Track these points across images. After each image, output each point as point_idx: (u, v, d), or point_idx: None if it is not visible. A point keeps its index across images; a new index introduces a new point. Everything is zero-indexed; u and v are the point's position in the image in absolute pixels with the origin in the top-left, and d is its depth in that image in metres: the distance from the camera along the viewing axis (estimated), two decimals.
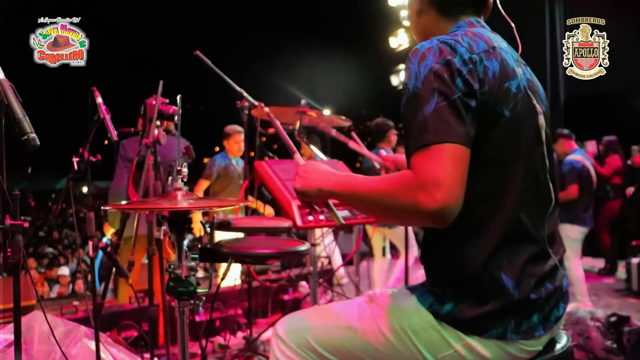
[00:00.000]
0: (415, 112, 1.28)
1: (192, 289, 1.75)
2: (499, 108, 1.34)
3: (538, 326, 1.39)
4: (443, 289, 1.42)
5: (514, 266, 1.36)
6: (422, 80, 1.30)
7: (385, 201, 1.29)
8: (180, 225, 1.78)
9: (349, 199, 1.44)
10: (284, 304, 4.51)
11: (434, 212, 1.20)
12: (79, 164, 2.81)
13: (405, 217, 1.34)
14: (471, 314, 1.36)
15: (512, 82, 1.38)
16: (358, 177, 1.41)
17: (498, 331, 1.35)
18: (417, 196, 1.21)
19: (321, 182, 1.47)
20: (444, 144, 1.23)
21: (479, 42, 1.38)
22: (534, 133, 1.45)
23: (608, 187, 6.87)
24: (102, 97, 2.74)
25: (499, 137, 1.34)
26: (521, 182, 1.39)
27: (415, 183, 1.22)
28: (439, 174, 1.21)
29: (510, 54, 1.47)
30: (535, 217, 1.42)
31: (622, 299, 5.78)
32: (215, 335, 3.92)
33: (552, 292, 1.43)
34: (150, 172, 2.90)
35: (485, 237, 1.36)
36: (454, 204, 1.21)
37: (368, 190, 1.34)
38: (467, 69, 1.30)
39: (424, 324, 1.42)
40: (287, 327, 1.65)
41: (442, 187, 1.20)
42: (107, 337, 3.11)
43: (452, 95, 1.27)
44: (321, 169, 1.52)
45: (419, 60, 1.33)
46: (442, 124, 1.24)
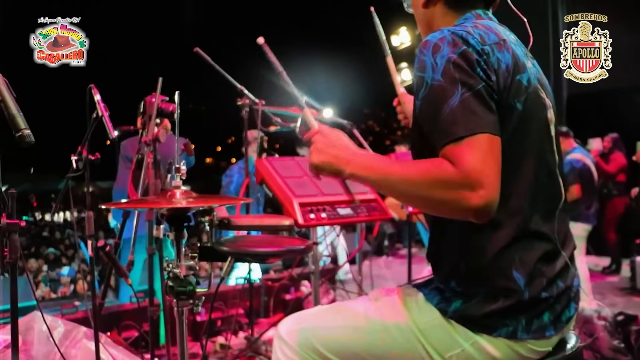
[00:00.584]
0: (439, 105, 1.24)
1: (190, 288, 1.72)
2: (511, 101, 1.30)
3: (549, 326, 1.36)
4: (452, 286, 1.38)
5: (525, 263, 1.33)
6: (442, 71, 1.26)
7: (425, 193, 1.23)
8: (179, 223, 1.75)
9: (378, 184, 1.33)
10: (286, 303, 4.48)
11: (479, 209, 1.17)
12: (78, 163, 2.78)
13: (445, 210, 1.27)
14: (481, 311, 1.32)
15: (523, 75, 1.35)
16: (388, 162, 1.33)
17: (508, 330, 1.32)
18: (461, 192, 1.17)
19: (344, 162, 1.35)
20: (478, 135, 1.19)
21: (489, 34, 1.35)
22: (544, 127, 1.42)
23: (612, 185, 6.84)
24: (104, 96, 2.71)
25: (512, 130, 1.31)
26: (532, 177, 1.36)
27: (459, 179, 1.18)
28: (482, 169, 1.17)
29: (519, 47, 1.44)
30: (546, 213, 1.39)
31: (627, 297, 5.75)
32: (216, 335, 3.89)
33: (564, 291, 1.39)
34: (150, 170, 2.87)
35: (496, 233, 1.33)
36: (496, 198, 1.19)
37: (405, 180, 1.26)
38: (482, 60, 1.27)
39: (431, 322, 1.39)
40: (289, 327, 1.62)
41: (486, 183, 1.17)
42: (107, 338, 3.08)
43: (476, 85, 1.24)
44: (341, 143, 1.40)
45: (433, 52, 1.29)
46: (471, 115, 1.21)
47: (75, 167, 2.79)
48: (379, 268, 6.87)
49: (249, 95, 3.32)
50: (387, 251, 9.61)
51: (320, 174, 1.42)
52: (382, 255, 9.30)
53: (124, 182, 3.88)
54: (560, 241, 1.42)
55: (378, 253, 9.21)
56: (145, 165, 2.85)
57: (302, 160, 2.68)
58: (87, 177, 2.82)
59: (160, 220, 1.98)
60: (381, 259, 8.88)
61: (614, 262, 7.04)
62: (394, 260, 8.99)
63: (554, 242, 1.40)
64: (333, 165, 1.37)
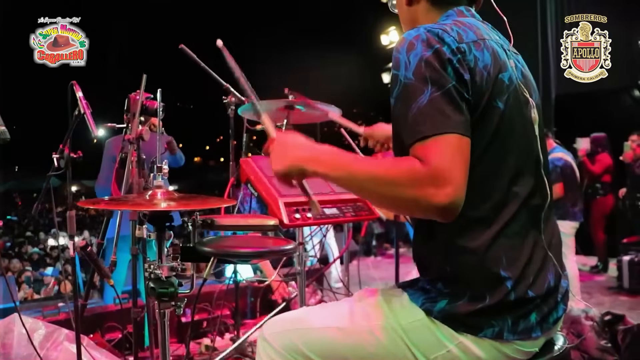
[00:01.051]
0: (409, 103, 1.24)
1: (172, 290, 1.68)
2: (492, 100, 1.29)
3: (536, 327, 1.34)
4: (438, 287, 1.36)
5: (512, 263, 1.31)
6: (413, 70, 1.25)
7: (391, 190, 1.22)
8: (161, 224, 1.71)
9: (342, 181, 1.30)
10: (272, 304, 4.43)
11: (445, 207, 1.17)
12: (60, 161, 2.73)
13: (410, 208, 1.26)
14: (466, 311, 1.30)
15: (505, 73, 1.34)
16: (351, 157, 1.30)
17: (494, 330, 1.30)
18: (428, 189, 1.16)
19: (304, 160, 1.32)
20: (444, 134, 1.19)
21: (468, 32, 1.34)
22: (528, 126, 1.41)
23: (598, 185, 6.87)
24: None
25: (493, 129, 1.30)
26: (517, 176, 1.34)
27: (424, 176, 1.17)
28: (448, 167, 1.17)
29: (501, 45, 1.42)
30: (533, 213, 1.38)
31: (614, 296, 5.78)
32: (202, 337, 3.85)
33: (551, 291, 1.38)
34: (133, 168, 2.82)
35: (483, 233, 1.31)
36: (462, 197, 1.18)
37: (370, 176, 1.24)
38: (456, 59, 1.26)
39: (416, 322, 1.36)
40: (273, 329, 1.59)
41: (453, 181, 1.17)
42: (89, 340, 3.04)
43: (446, 84, 1.23)
44: (300, 142, 1.36)
45: (407, 50, 1.28)
46: (439, 115, 1.20)
47: (57, 166, 2.74)
48: (367, 268, 6.85)
49: (235, 93, 3.27)
50: (375, 251, 9.60)
51: (286, 180, 1.38)
52: (370, 255, 9.29)
53: (106, 180, 3.83)
54: (547, 241, 1.40)
55: (366, 253, 9.20)
56: (128, 164, 2.80)
57: None
58: (69, 176, 2.78)
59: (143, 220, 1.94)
60: (369, 259, 8.87)
61: (601, 262, 7.07)
62: (382, 260, 8.98)
63: (540, 242, 1.38)
64: (294, 166, 1.33)
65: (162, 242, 1.72)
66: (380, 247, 10.03)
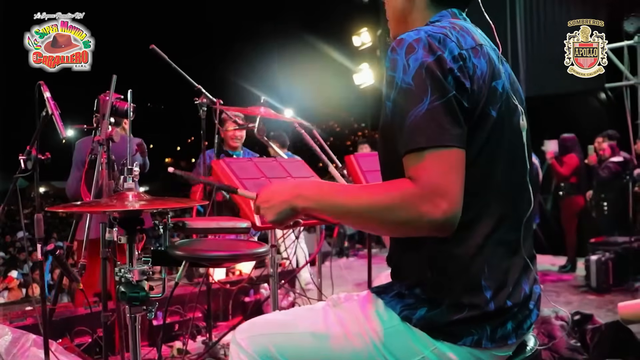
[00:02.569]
0: (407, 110, 1.20)
1: (143, 294, 1.66)
2: (487, 108, 1.27)
3: (511, 334, 1.34)
4: (416, 293, 1.34)
5: (493, 272, 1.30)
6: (413, 75, 1.21)
7: (383, 215, 1.21)
8: (132, 226, 1.69)
9: (331, 212, 1.31)
10: (245, 306, 4.41)
11: (441, 223, 1.15)
12: (27, 163, 2.68)
13: (406, 230, 1.23)
14: (446, 320, 1.29)
15: (499, 81, 1.32)
16: (335, 186, 1.32)
17: (473, 338, 1.29)
18: (421, 208, 1.15)
19: (291, 199, 1.34)
20: (442, 149, 1.17)
21: (467, 38, 1.31)
22: (516, 134, 1.39)
23: (565, 186, 6.99)
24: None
25: (485, 138, 1.28)
26: (503, 185, 1.33)
27: (418, 194, 1.15)
28: (444, 183, 1.15)
29: (495, 52, 1.40)
30: (515, 221, 1.37)
31: (582, 295, 5.87)
32: (174, 340, 3.80)
33: (527, 299, 1.38)
34: (103, 170, 2.78)
35: (465, 241, 1.29)
36: (458, 211, 1.17)
37: (358, 203, 1.24)
38: (457, 66, 1.23)
39: (391, 329, 1.35)
40: (245, 333, 1.57)
41: (448, 196, 1.15)
42: (58, 345, 2.98)
43: (447, 94, 1.19)
44: (281, 186, 1.39)
45: (407, 52, 1.24)
46: (436, 126, 1.17)
47: (23, 167, 2.69)
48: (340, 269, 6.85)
49: (206, 94, 3.25)
50: (348, 252, 9.60)
51: (285, 223, 1.41)
52: (342, 256, 9.30)
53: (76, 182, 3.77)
54: (527, 249, 1.40)
55: (338, 254, 9.20)
56: (98, 166, 2.76)
57: (259, 162, 2.64)
58: (37, 178, 2.73)
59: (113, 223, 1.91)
60: (342, 260, 8.87)
61: (569, 262, 7.19)
62: (355, 261, 8.98)
63: (520, 250, 1.38)
64: (285, 210, 1.36)
65: (132, 245, 1.69)
66: (352, 248, 10.04)
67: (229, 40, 21.77)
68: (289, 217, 1.38)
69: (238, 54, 21.81)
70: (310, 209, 1.33)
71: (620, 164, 6.70)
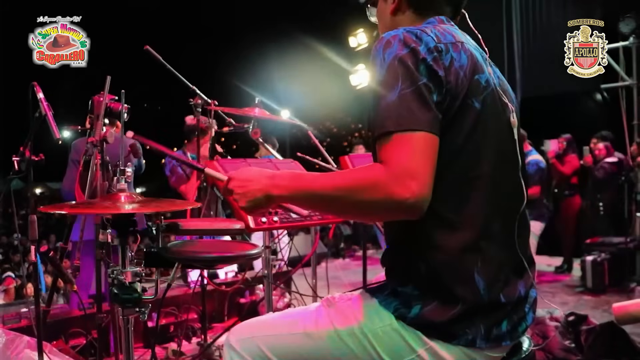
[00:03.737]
0: (379, 99, 1.26)
1: (136, 296, 1.66)
2: (468, 99, 1.31)
3: (506, 336, 1.34)
4: (409, 291, 1.35)
5: (486, 266, 1.31)
6: (387, 67, 1.27)
7: (354, 197, 1.24)
8: (124, 228, 1.68)
9: (306, 200, 1.37)
10: (240, 307, 4.40)
11: (411, 204, 1.18)
12: (20, 164, 2.67)
13: (377, 213, 1.29)
14: (441, 318, 1.29)
15: (482, 75, 1.36)
16: (309, 175, 1.35)
17: (468, 338, 1.29)
18: (391, 189, 1.18)
19: (267, 188, 1.38)
20: (409, 132, 1.21)
21: (446, 35, 1.36)
22: (506, 130, 1.42)
23: (566, 186, 6.98)
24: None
25: (469, 128, 1.31)
26: (492, 178, 1.34)
27: (387, 175, 1.19)
28: (412, 165, 1.19)
29: (479, 52, 1.44)
30: (507, 216, 1.38)
31: (578, 296, 5.88)
32: (169, 342, 3.79)
33: (522, 300, 1.39)
34: (97, 172, 2.77)
35: (456, 235, 1.31)
36: (428, 193, 1.20)
37: (331, 188, 1.28)
38: (432, 57, 1.27)
39: (385, 327, 1.35)
40: (239, 336, 1.57)
41: (416, 177, 1.18)
42: (52, 347, 2.96)
43: (417, 82, 1.24)
44: (257, 174, 1.42)
45: (384, 48, 1.30)
46: (405, 111, 1.22)
47: (17, 169, 2.68)
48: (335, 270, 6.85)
49: (201, 95, 3.25)
50: (344, 253, 9.60)
51: (257, 211, 1.45)
52: (338, 257, 9.29)
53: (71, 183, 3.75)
54: (521, 245, 1.40)
55: (334, 255, 9.19)
56: (92, 167, 2.75)
57: (254, 162, 2.63)
58: (30, 179, 2.72)
59: (107, 225, 1.90)
60: (337, 261, 8.87)
61: (565, 262, 7.19)
62: (351, 262, 8.99)
63: (514, 245, 1.39)
64: (259, 198, 1.39)
65: (125, 247, 1.68)
66: (348, 249, 10.04)
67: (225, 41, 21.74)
68: (262, 206, 1.41)
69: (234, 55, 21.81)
70: (285, 197, 1.37)
71: (615, 164, 6.71)
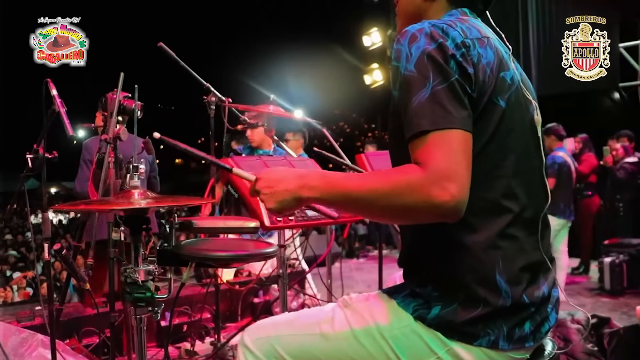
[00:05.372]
0: (409, 97, 1.21)
1: (149, 295, 1.62)
2: (494, 97, 1.26)
3: (529, 337, 1.30)
4: (428, 290, 1.31)
5: (508, 267, 1.27)
6: (415, 62, 1.22)
7: (391, 200, 1.17)
8: (137, 226, 1.65)
9: (338, 202, 1.29)
10: (254, 307, 4.37)
11: (450, 207, 1.13)
12: (34, 161, 2.66)
13: (414, 216, 1.21)
14: (462, 318, 1.25)
15: (507, 72, 1.31)
16: (341, 176, 1.28)
17: (489, 339, 1.25)
18: (430, 191, 1.12)
19: (297, 189, 1.29)
20: (445, 130, 1.16)
21: (472, 30, 1.31)
22: (530, 128, 1.38)
23: (584, 186, 6.88)
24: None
25: (494, 128, 1.26)
26: (516, 177, 1.30)
27: (425, 177, 1.13)
28: (450, 166, 1.14)
29: (503, 47, 1.40)
30: (531, 215, 1.34)
31: (596, 298, 5.80)
32: (182, 341, 3.77)
33: (545, 300, 1.34)
34: (111, 169, 2.75)
35: (478, 235, 1.27)
36: (466, 195, 1.15)
37: (366, 191, 1.21)
38: (460, 52, 1.23)
39: (404, 329, 1.32)
40: (254, 335, 1.54)
41: (455, 179, 1.13)
42: (65, 346, 2.95)
43: (449, 78, 1.20)
44: (286, 174, 1.33)
45: (410, 42, 1.25)
46: (439, 109, 1.17)
47: (30, 166, 2.67)
48: (350, 270, 6.81)
49: (215, 92, 3.22)
50: (358, 253, 9.55)
51: (285, 213, 1.38)
52: (352, 257, 9.25)
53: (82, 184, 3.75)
54: (544, 245, 1.36)
55: (348, 255, 9.15)
56: (105, 165, 2.73)
57: (269, 160, 2.59)
58: (44, 177, 2.71)
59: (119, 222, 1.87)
60: (352, 261, 8.83)
61: (583, 263, 7.09)
62: (365, 262, 8.94)
63: (537, 245, 1.34)
64: (288, 199, 1.31)
65: (138, 245, 1.65)
66: (362, 249, 9.99)
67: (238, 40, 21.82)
68: (291, 207, 1.33)
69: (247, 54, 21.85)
70: (316, 199, 1.30)
71: (635, 164, 6.61)
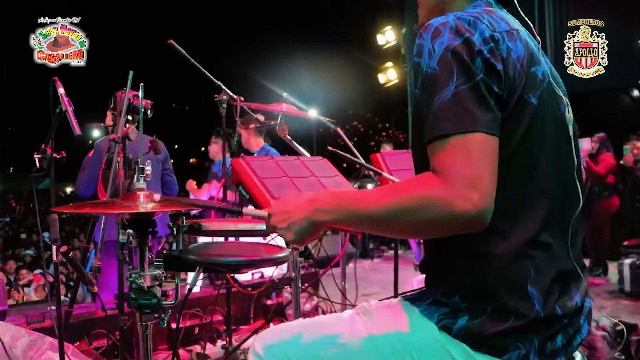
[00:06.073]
0: (431, 96, 1.13)
1: (154, 301, 1.56)
2: (525, 94, 1.18)
3: (561, 350, 1.22)
4: (454, 300, 1.22)
5: (540, 277, 1.18)
6: (438, 59, 1.14)
7: (409, 217, 1.11)
8: (142, 229, 1.58)
9: (354, 223, 1.23)
10: (267, 309, 4.30)
11: (473, 217, 1.06)
12: (42, 162, 2.62)
13: (438, 229, 1.13)
14: (491, 330, 1.17)
15: (538, 67, 1.23)
16: (354, 194, 1.23)
17: (520, 353, 1.17)
18: (450, 203, 1.05)
19: (310, 214, 1.23)
20: (468, 134, 1.07)
21: (500, 22, 1.22)
22: (561, 126, 1.29)
23: (602, 186, 6.74)
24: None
25: (525, 127, 1.18)
26: (549, 181, 1.22)
27: (444, 188, 1.06)
28: (472, 172, 1.06)
29: (532, 40, 1.31)
30: (563, 222, 1.25)
31: (615, 300, 5.67)
32: (193, 344, 3.71)
33: (578, 310, 1.26)
34: (120, 169, 2.70)
35: (507, 242, 1.18)
36: (491, 204, 1.07)
37: (382, 208, 1.14)
38: (487, 48, 1.14)
39: (427, 339, 1.24)
40: (266, 343, 1.46)
41: (478, 187, 1.05)
42: (74, 348, 2.91)
43: (474, 77, 1.11)
44: (295, 202, 1.28)
45: (433, 36, 1.16)
46: (463, 111, 1.09)
47: (38, 166, 2.63)
48: (364, 271, 6.72)
49: (227, 91, 3.15)
50: (372, 254, 9.46)
51: (308, 240, 1.31)
52: (367, 258, 9.16)
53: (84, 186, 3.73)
54: (576, 256, 1.27)
55: (362, 256, 9.06)
56: (114, 165, 2.68)
57: (281, 160, 2.52)
58: (52, 177, 2.67)
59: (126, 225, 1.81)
60: (366, 261, 8.74)
61: (601, 265, 6.95)
62: (380, 263, 8.85)
63: (569, 254, 1.25)
64: (305, 227, 1.25)
65: (143, 249, 1.59)
66: (377, 249, 9.90)
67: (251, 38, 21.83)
68: (311, 234, 1.27)
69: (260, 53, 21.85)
70: (332, 221, 1.22)
71: None
